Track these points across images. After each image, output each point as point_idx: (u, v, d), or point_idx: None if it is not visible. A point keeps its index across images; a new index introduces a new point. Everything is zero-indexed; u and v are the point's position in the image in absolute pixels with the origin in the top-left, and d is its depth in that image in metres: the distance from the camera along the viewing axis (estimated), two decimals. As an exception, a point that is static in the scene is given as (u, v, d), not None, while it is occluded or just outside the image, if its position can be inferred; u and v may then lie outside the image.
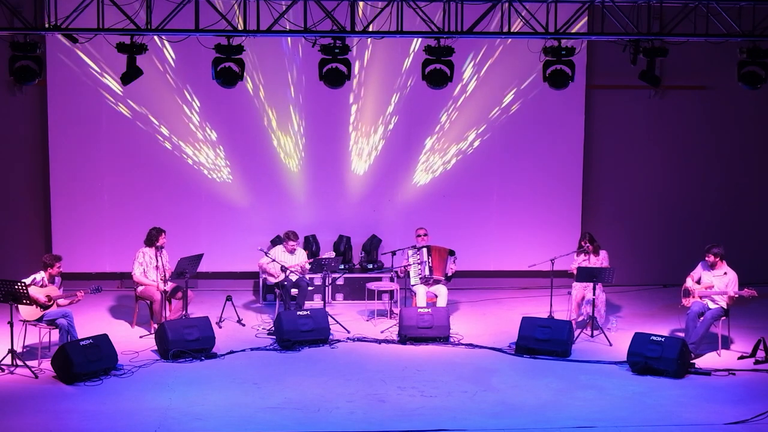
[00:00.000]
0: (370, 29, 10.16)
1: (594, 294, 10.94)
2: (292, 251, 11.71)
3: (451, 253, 11.67)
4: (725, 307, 10.39)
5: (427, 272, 11.55)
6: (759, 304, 11.70)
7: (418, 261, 11.58)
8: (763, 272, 13.16)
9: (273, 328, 11.00)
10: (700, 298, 10.45)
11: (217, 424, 8.34)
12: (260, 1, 9.85)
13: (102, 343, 9.60)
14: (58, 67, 12.60)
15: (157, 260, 11.04)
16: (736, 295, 10.28)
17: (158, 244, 11.10)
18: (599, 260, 11.22)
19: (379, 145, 13.29)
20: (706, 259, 10.45)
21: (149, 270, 11.04)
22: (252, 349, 10.52)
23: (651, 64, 10.47)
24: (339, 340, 10.87)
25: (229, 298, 11.75)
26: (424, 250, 11.60)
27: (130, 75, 10.14)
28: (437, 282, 11.57)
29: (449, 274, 11.65)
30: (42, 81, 11.86)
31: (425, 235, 11.78)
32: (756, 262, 13.30)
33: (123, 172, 12.99)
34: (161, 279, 10.90)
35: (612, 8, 10.22)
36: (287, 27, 10.20)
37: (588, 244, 11.28)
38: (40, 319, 9.87)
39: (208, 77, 10.40)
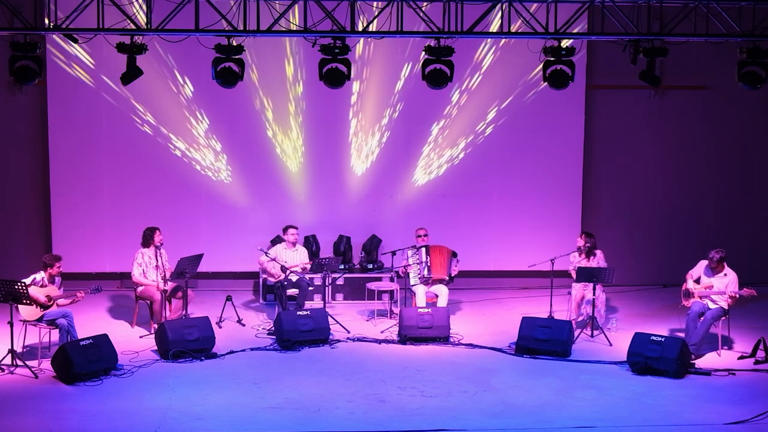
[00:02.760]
0: (370, 29, 10.16)
1: (594, 294, 10.94)
2: (294, 243, 11.70)
3: (454, 254, 11.67)
4: (725, 307, 10.39)
5: (426, 272, 11.54)
6: (759, 304, 11.70)
7: (418, 261, 11.58)
8: (763, 272, 13.15)
9: (273, 328, 11.00)
10: (700, 298, 10.45)
11: (217, 424, 8.34)
12: (260, 1, 9.86)
13: (102, 343, 9.60)
14: (58, 67, 12.60)
15: (156, 260, 11.04)
16: (737, 295, 10.28)
17: (155, 243, 11.09)
18: (595, 261, 11.20)
19: (379, 145, 13.29)
20: (711, 266, 10.38)
21: (149, 270, 11.04)
22: (252, 349, 10.51)
23: (651, 64, 10.47)
24: (339, 340, 10.86)
25: (229, 298, 11.74)
26: (423, 250, 11.60)
27: (130, 75, 10.15)
28: (437, 282, 11.57)
29: (453, 275, 11.64)
30: (42, 81, 11.86)
31: (425, 235, 11.78)
32: (756, 262, 13.29)
33: (123, 172, 12.99)
34: (161, 278, 10.90)
35: (612, 8, 10.22)
36: (287, 27, 10.19)
37: (582, 243, 11.25)
38: (40, 319, 9.87)
39: (208, 77, 10.40)
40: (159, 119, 12.94)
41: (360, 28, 10.14)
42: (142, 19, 9.99)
